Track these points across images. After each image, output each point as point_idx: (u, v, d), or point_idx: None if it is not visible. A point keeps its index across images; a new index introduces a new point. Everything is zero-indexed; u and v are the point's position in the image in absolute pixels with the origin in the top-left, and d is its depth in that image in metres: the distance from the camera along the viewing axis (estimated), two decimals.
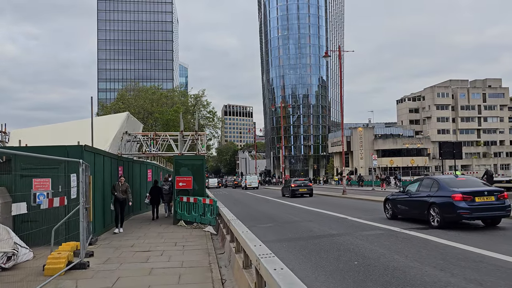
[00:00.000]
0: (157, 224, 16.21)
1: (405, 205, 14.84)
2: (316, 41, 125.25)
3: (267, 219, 17.43)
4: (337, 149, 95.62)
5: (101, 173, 13.48)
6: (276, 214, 19.12)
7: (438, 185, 13.31)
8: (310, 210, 20.58)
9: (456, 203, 12.12)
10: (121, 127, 15.80)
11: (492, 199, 12.30)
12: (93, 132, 13.30)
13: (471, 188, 12.61)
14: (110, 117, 16.73)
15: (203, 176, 16.01)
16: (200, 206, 14.31)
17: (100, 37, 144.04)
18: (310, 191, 33.31)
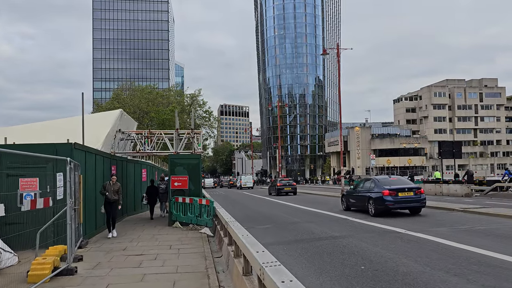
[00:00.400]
0: (151, 225, 15.64)
1: (354, 199, 18.54)
2: (312, 41, 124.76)
3: (265, 219, 16.89)
4: (334, 149, 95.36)
5: (92, 172, 12.90)
6: (275, 215, 18.59)
7: (375, 184, 17.01)
8: (308, 210, 20.05)
9: (385, 197, 15.78)
10: (114, 125, 15.20)
11: (411, 194, 16.07)
12: (84, 129, 12.72)
13: (396, 186, 16.21)
14: (103, 115, 16.11)
15: (199, 176, 15.46)
16: (196, 207, 13.76)
17: (96, 36, 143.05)
18: (294, 189, 36.31)
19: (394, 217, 15.43)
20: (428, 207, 18.90)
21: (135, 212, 20.61)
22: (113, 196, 12.53)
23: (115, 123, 15.29)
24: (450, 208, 17.63)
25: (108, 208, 12.56)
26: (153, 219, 17.77)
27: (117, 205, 12.68)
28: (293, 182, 38.92)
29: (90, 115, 16.47)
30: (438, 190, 31.17)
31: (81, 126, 13.60)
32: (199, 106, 58.22)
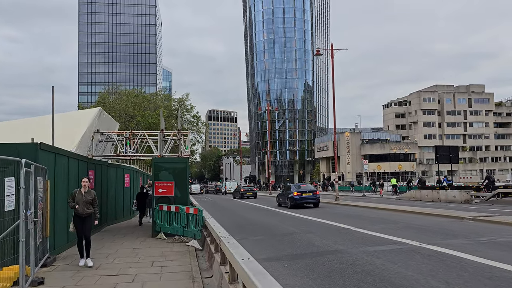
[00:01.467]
0: (133, 236, 14.06)
1: (282, 198, 28.02)
2: (302, 45, 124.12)
3: (258, 229, 15.43)
4: (323, 154, 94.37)
5: (64, 177, 11.33)
6: (268, 224, 17.14)
7: (291, 188, 26.82)
8: (304, 219, 18.66)
9: (294, 196, 25.18)
10: (92, 124, 13.63)
11: (310, 194, 25.60)
12: (54, 128, 11.15)
13: (302, 190, 26.03)
14: (79, 113, 14.51)
15: (186, 182, 13.96)
16: (183, 217, 12.25)
17: (82, 39, 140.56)
18: (254, 194, 46.27)
19: (305, 209, 24.10)
20: (435, 215, 17.70)
21: (116, 221, 18.99)
22: (86, 209, 9.22)
23: (93, 123, 13.73)
24: (458, 217, 16.36)
25: (79, 226, 9.28)
26: (141, 224, 17.39)
27: (92, 220, 9.45)
28: (254, 188, 53.06)
29: (64, 113, 14.87)
30: (436, 196, 30.04)
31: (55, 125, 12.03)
32: (187, 110, 56.60)
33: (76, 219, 9.29)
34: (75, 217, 9.32)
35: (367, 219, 17.42)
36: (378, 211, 21.62)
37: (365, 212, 21.58)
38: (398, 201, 32.19)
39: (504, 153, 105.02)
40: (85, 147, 13.39)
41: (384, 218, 17.81)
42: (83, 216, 9.23)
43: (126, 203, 21.17)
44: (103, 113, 14.62)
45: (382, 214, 19.69)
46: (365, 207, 25.05)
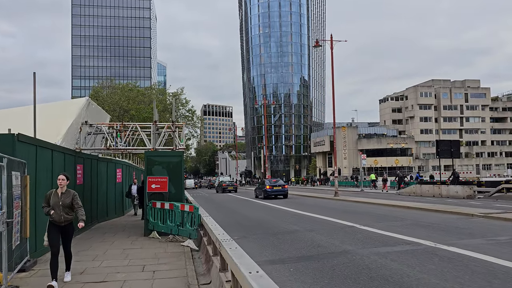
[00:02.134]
0: (124, 235, 13.15)
1: (258, 191, 32.89)
2: (298, 39, 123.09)
3: (257, 226, 14.59)
4: (320, 149, 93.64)
5: (47, 172, 10.40)
6: (268, 220, 16.29)
7: (264, 182, 32.49)
8: (306, 215, 17.83)
9: (267, 189, 30.56)
10: (79, 115, 12.67)
11: (280, 188, 30.92)
12: (36, 118, 10.19)
13: (273, 183, 31.64)
14: (65, 103, 13.50)
15: (181, 177, 13.05)
16: (177, 215, 11.36)
17: (75, 32, 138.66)
18: (235, 188, 51.76)
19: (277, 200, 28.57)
20: (441, 211, 16.92)
21: (107, 218, 18.07)
22: (65, 215, 7.12)
23: (81, 114, 12.76)
24: (467, 213, 15.58)
25: (55, 237, 7.08)
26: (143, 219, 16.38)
27: (71, 230, 7.42)
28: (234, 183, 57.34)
29: (49, 103, 13.89)
30: (437, 192, 29.32)
31: (38, 116, 11.08)
32: (182, 105, 55.52)
33: (53, 228, 7.09)
34: (50, 225, 7.12)
35: (371, 216, 16.61)
36: (382, 207, 20.85)
37: (368, 208, 20.78)
38: (398, 196, 31.46)
39: (500, 148, 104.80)
40: (72, 139, 12.44)
41: (388, 214, 17.02)
42: (62, 225, 7.11)
43: (118, 199, 20.27)
44: (92, 103, 13.66)
45: (385, 211, 18.91)
46: (366, 202, 24.27)
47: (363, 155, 45.92)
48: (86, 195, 14.72)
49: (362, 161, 44.85)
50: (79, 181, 13.45)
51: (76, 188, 12.78)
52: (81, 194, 13.95)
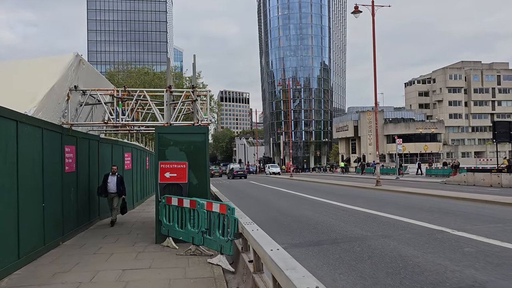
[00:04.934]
0: (128, 241, 9.67)
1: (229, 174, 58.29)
2: (318, 21, 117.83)
3: (302, 227, 11.01)
4: (342, 135, 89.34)
5: (8, 154, 6.91)
6: (310, 217, 12.68)
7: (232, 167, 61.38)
8: (361, 212, 14.18)
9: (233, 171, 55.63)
10: (65, 77, 9.03)
11: (241, 172, 55.35)
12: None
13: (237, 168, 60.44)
14: (45, 60, 9.86)
15: (205, 162, 9.47)
16: (202, 217, 7.79)
17: (90, 17, 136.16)
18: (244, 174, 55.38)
19: None
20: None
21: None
22: None
23: (67, 75, 9.16)
24: None
25: None
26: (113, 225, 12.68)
27: None
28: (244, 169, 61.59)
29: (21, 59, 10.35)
30: (496, 181, 25.30)
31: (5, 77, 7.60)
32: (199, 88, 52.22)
33: None
34: None
35: (453, 214, 12.87)
36: (451, 201, 17.09)
37: (432, 201, 17.02)
38: (446, 185, 27.55)
39: None
40: (55, 111, 8.93)
41: (473, 212, 13.31)
42: None
43: (127, 189, 16.83)
44: (84, 62, 10.02)
45: (463, 206, 15.16)
46: (419, 193, 20.48)
47: (399, 139, 41.79)
48: (82, 185, 11.31)
49: (397, 146, 40.75)
50: (68, 168, 10.00)
51: (64, 177, 9.35)
52: (73, 184, 10.56)
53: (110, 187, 11.98)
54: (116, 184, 12.03)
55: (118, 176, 12.16)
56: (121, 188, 12.16)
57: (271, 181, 41.33)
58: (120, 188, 12.14)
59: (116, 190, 12.08)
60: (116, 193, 12.11)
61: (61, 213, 9.53)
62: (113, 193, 12.07)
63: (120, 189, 12.14)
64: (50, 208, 8.80)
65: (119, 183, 12.12)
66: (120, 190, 12.16)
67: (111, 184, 11.99)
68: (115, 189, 12.06)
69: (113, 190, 12.03)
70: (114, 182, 12.01)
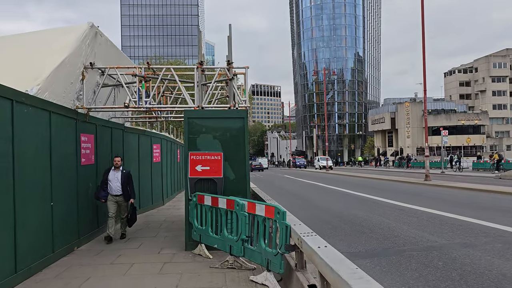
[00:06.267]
0: (153, 247, 8.16)
1: None
2: (352, 10, 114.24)
3: (357, 229, 9.24)
4: (378, 127, 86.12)
5: (3, 144, 5.47)
6: (363, 218, 10.88)
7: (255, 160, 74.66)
8: (421, 211, 12.25)
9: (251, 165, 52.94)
10: (77, 51, 7.55)
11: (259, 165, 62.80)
12: None
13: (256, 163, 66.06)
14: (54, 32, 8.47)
15: (244, 153, 7.85)
16: (242, 221, 6.16)
17: (124, 12, 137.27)
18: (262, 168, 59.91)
19: None
20: None
21: (140, 210, 13.31)
22: None
23: (80, 48, 7.68)
24: None
25: None
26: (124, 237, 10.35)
27: None
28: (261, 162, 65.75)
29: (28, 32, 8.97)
30: None
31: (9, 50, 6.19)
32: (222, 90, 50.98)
33: None
34: None
35: None
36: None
37: (498, 199, 14.87)
38: (503, 181, 24.99)
39: None
40: (67, 92, 7.50)
41: None
42: None
43: (156, 183, 15.51)
44: (102, 35, 8.56)
45: None
46: (481, 190, 18.27)
47: (444, 131, 38.99)
48: None
49: (443, 138, 38.02)
50: (86, 160, 8.59)
51: (80, 170, 7.94)
52: (91, 179, 9.15)
53: (112, 187, 8.65)
54: (121, 183, 8.69)
55: (124, 172, 8.84)
56: (128, 189, 8.88)
57: (308, 175, 39.49)
58: (127, 188, 8.85)
59: (121, 191, 8.72)
60: (120, 196, 8.75)
61: (76, 212, 8.13)
62: (117, 195, 8.70)
63: (127, 189, 8.83)
64: (61, 207, 7.41)
65: (126, 181, 8.81)
66: (127, 192, 8.84)
67: (114, 182, 8.66)
68: (120, 190, 8.70)
69: (116, 191, 8.67)
70: (118, 179, 8.69)
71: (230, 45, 8.27)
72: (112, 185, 8.66)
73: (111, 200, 8.70)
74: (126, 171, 8.91)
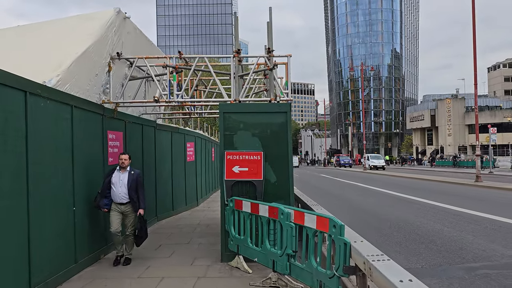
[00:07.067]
0: (186, 256, 7.36)
1: None
2: (389, 5, 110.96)
3: (411, 238, 8.16)
4: (417, 125, 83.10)
5: (16, 141, 4.77)
6: (415, 224, 9.72)
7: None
8: (483, 218, 10.97)
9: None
10: (102, 40, 6.79)
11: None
12: None
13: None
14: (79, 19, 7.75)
15: (287, 152, 6.92)
16: (287, 233, 5.22)
17: (160, 13, 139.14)
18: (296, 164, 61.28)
19: None
20: None
21: (173, 212, 12.65)
22: None
23: (106, 37, 6.89)
24: None
25: None
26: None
27: None
28: None
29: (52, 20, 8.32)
30: None
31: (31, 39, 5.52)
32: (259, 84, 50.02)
33: None
34: None
35: None
36: None
37: None
38: None
39: None
40: (92, 84, 6.77)
41: None
42: None
43: (190, 184, 14.80)
44: (129, 21, 7.82)
45: None
46: None
47: (493, 128, 36.69)
48: None
49: (491, 136, 35.76)
50: (113, 159, 7.90)
51: (107, 171, 7.22)
52: None
53: (115, 193, 6.71)
54: (127, 187, 6.73)
55: (132, 173, 6.85)
56: (137, 196, 6.82)
57: (345, 175, 38.12)
58: (135, 194, 6.79)
59: (128, 198, 6.75)
60: (127, 205, 6.77)
61: (102, 217, 7.43)
62: (122, 204, 6.74)
63: (134, 196, 6.78)
64: (86, 212, 6.71)
65: (134, 185, 6.80)
66: (135, 199, 6.79)
67: (118, 186, 6.71)
68: (126, 197, 6.73)
69: (121, 198, 6.71)
70: (124, 183, 6.73)
71: (270, 31, 7.35)
72: (115, 190, 6.70)
73: (115, 209, 6.72)
74: (135, 172, 6.89)
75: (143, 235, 6.90)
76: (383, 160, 52.33)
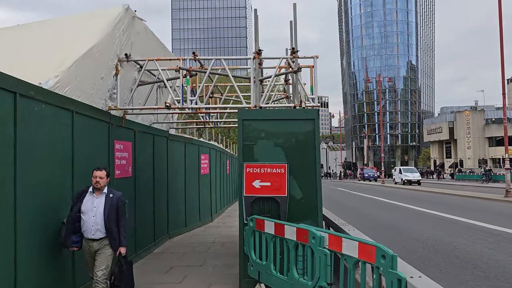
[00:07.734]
0: (200, 283, 6.54)
1: None
2: (404, 17, 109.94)
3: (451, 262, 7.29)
4: (435, 137, 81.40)
5: (5, 147, 4.05)
6: (452, 244, 8.76)
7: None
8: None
9: None
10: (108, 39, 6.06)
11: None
12: None
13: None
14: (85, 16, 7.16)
15: (315, 164, 6.10)
16: (320, 261, 4.37)
17: (175, 27, 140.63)
18: None
19: None
20: None
21: (186, 229, 11.84)
22: None
23: (113, 36, 6.20)
24: None
25: None
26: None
27: None
28: None
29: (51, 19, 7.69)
30: None
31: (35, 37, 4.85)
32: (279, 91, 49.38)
33: None
34: None
35: None
36: None
37: None
38: None
39: None
40: (97, 88, 6.07)
41: None
42: None
43: (204, 198, 14.01)
44: (139, 19, 7.16)
45: None
46: None
47: None
48: (143, 195, 8.43)
49: None
50: (121, 172, 7.16)
51: (115, 183, 6.48)
52: (129, 195, 7.68)
53: (87, 225, 4.83)
54: (104, 216, 4.86)
55: (111, 197, 4.95)
56: (117, 229, 4.93)
57: (365, 189, 36.98)
58: (115, 227, 4.91)
59: (104, 232, 4.87)
60: (101, 241, 4.88)
61: None
62: (94, 240, 4.86)
63: (113, 229, 4.89)
64: None
65: (114, 213, 4.92)
66: (114, 234, 4.90)
67: (92, 215, 4.84)
68: (101, 230, 4.86)
69: (93, 232, 4.84)
70: (99, 211, 4.86)
71: (295, 30, 6.59)
72: (86, 221, 4.82)
73: (86, 248, 4.90)
74: (115, 195, 4.98)
75: (129, 283, 5.01)
76: (418, 173, 46.16)
